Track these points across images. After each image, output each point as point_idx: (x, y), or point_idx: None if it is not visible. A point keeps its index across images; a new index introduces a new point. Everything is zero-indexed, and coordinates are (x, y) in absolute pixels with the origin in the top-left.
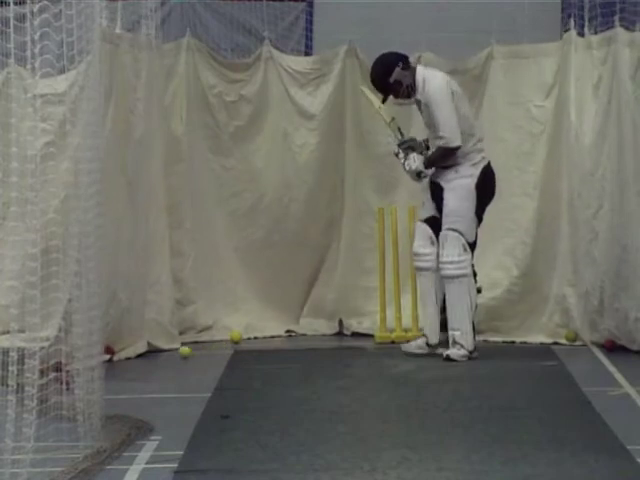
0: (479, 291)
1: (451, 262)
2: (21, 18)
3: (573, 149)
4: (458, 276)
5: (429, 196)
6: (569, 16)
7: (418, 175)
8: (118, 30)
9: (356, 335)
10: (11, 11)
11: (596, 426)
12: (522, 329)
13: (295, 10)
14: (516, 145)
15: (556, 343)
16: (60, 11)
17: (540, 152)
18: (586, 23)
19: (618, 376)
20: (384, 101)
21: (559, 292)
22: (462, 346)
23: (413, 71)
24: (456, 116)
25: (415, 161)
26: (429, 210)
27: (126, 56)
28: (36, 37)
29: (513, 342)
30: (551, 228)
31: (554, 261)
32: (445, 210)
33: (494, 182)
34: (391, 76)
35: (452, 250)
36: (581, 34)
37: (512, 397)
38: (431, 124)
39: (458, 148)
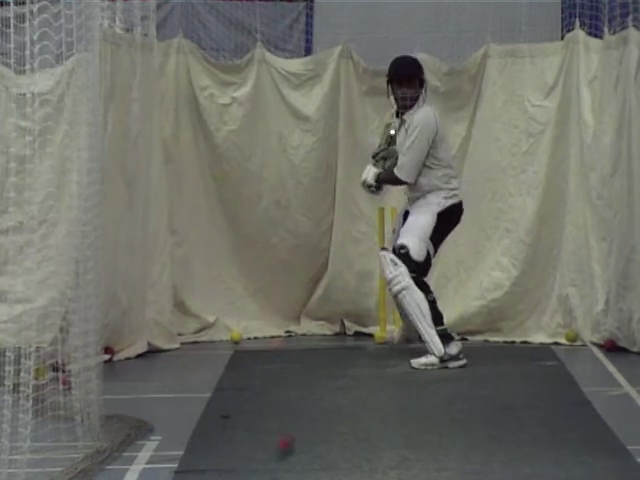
0: (431, 299)
1: (389, 281)
2: (21, 18)
3: (591, 150)
4: (399, 291)
5: (399, 226)
6: (571, 16)
7: (368, 187)
8: (118, 30)
9: (356, 335)
10: (11, 11)
11: (596, 426)
12: (523, 329)
13: (295, 10)
14: (512, 144)
15: (556, 343)
16: (60, 11)
17: (541, 152)
18: (606, 23)
19: (618, 376)
20: (390, 83)
21: (562, 292)
22: (433, 354)
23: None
24: (423, 155)
25: (367, 173)
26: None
27: (125, 57)
28: (35, 37)
29: (513, 342)
30: (554, 228)
31: (556, 261)
32: (403, 227)
33: (457, 222)
34: (421, 74)
35: (386, 270)
36: (594, 34)
37: (512, 397)
38: (402, 146)
39: (406, 183)
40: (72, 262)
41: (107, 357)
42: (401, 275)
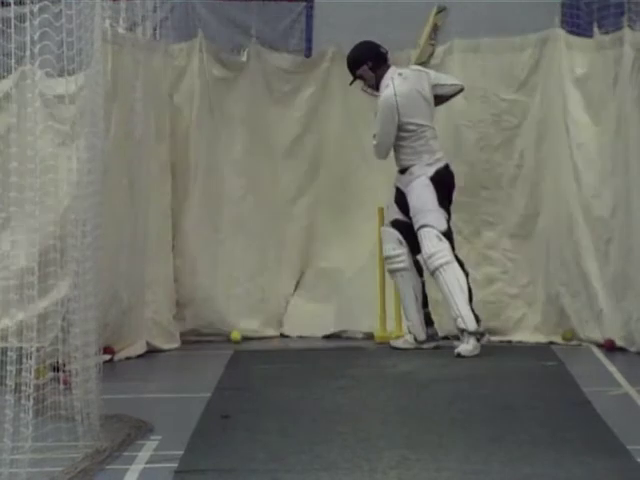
0: (467, 275)
1: (430, 255)
2: (21, 18)
3: (583, 149)
4: (441, 265)
5: (392, 200)
6: (571, 16)
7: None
8: (121, 30)
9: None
10: (12, 11)
11: (596, 426)
12: (519, 328)
13: (295, 10)
14: (479, 138)
15: (552, 342)
16: (60, 11)
17: (521, 147)
18: (595, 22)
19: (618, 376)
20: (350, 84)
21: (559, 291)
22: (467, 331)
23: (383, 71)
24: (390, 135)
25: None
26: (393, 213)
27: (128, 57)
28: (36, 37)
29: (510, 341)
30: (547, 226)
31: (552, 260)
32: (411, 212)
33: (450, 184)
34: (358, 70)
35: (429, 245)
36: (584, 34)
37: (512, 397)
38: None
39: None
40: (72, 262)
41: (107, 357)
42: (445, 250)
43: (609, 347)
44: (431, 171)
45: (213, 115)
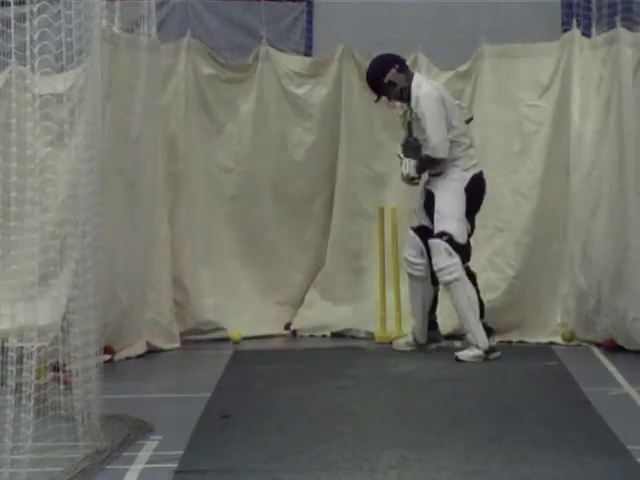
0: (478, 291)
1: (440, 270)
2: (21, 18)
3: (576, 149)
4: (451, 281)
5: (421, 204)
6: (568, 15)
7: (411, 180)
8: (116, 30)
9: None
10: (12, 11)
11: (596, 426)
12: (519, 329)
13: (295, 10)
14: (504, 145)
15: (552, 343)
16: (59, 11)
17: (535, 152)
18: (594, 23)
19: (618, 376)
20: (376, 101)
21: (559, 292)
22: (477, 347)
23: (410, 76)
24: (444, 127)
25: (407, 167)
26: (419, 218)
27: (124, 56)
28: (35, 37)
29: (510, 342)
30: (551, 228)
31: (553, 261)
32: (435, 214)
33: (483, 191)
34: (386, 76)
35: (438, 258)
36: (585, 34)
37: (512, 397)
38: (421, 132)
39: (442, 159)
40: (71, 262)
41: (108, 357)
42: (455, 265)
43: (609, 347)
44: (467, 178)
45: (210, 114)
